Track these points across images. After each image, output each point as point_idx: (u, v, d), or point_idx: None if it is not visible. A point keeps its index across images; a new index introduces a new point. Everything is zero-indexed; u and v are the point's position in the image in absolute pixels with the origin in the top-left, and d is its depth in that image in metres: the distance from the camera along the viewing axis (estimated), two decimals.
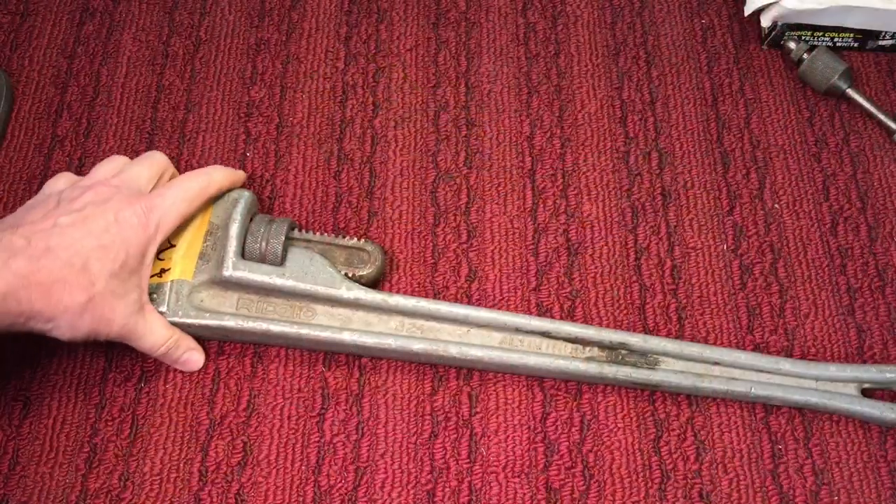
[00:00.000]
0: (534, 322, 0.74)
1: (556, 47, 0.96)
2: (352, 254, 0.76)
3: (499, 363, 0.73)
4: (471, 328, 0.74)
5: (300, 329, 0.72)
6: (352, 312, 0.74)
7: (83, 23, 0.96)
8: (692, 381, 0.73)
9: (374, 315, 0.74)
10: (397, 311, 0.74)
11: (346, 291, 0.73)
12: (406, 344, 0.72)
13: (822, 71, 0.91)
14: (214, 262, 0.73)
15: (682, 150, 0.90)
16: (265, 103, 0.91)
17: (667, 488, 0.73)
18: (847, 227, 0.86)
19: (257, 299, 0.73)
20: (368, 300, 0.73)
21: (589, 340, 0.74)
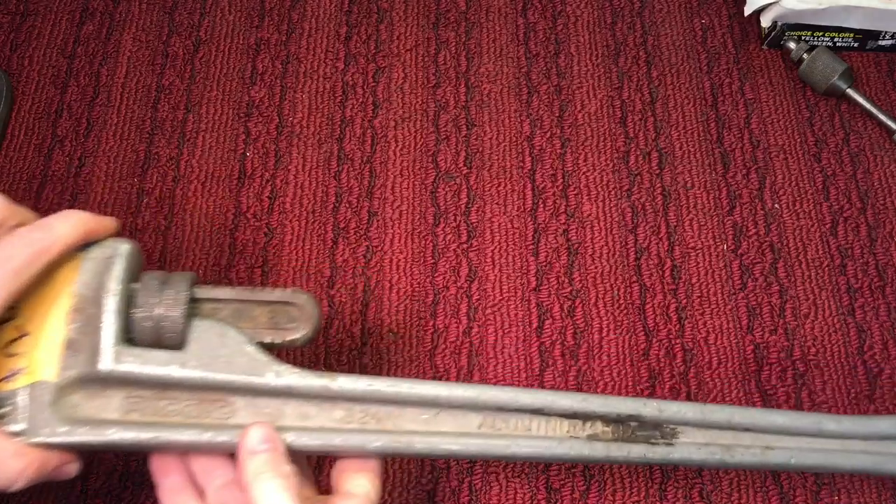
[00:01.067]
0: (522, 397, 0.58)
1: (556, 47, 0.96)
2: (276, 311, 0.58)
3: (479, 454, 0.57)
4: (440, 411, 0.57)
5: (215, 435, 0.54)
6: (283, 403, 0.56)
7: (83, 23, 0.96)
8: (720, 457, 0.59)
9: (313, 404, 0.57)
10: (344, 398, 0.57)
11: (275, 378, 0.55)
12: (358, 441, 0.56)
13: (822, 71, 0.91)
14: (87, 351, 0.53)
15: (682, 150, 0.90)
16: (265, 103, 0.91)
17: (667, 488, 0.73)
18: (847, 227, 0.86)
19: (152, 396, 0.54)
20: (305, 387, 0.56)
21: (591, 415, 0.58)
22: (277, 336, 0.57)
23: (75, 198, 0.85)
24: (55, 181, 0.86)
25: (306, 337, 0.58)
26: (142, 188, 0.86)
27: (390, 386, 0.57)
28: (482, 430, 0.58)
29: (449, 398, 0.58)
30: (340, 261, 0.83)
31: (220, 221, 0.84)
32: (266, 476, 0.52)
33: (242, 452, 0.53)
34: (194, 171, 0.87)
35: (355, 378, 0.56)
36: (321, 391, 0.56)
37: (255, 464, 0.53)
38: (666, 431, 0.59)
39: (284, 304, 0.58)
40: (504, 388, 0.59)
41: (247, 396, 0.56)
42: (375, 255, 0.83)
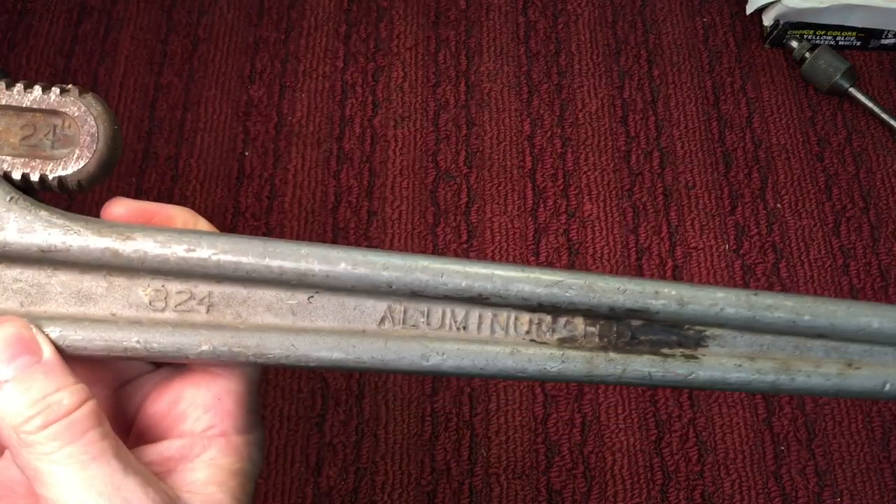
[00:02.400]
0: (450, 277, 0.36)
1: (557, 46, 0.95)
2: (37, 123, 0.36)
3: (376, 365, 0.36)
4: (316, 293, 0.36)
5: None
6: (46, 275, 0.36)
7: (81, 21, 0.96)
8: (773, 378, 0.38)
9: (98, 278, 0.36)
10: (149, 269, 0.36)
11: (20, 232, 0.35)
12: (172, 342, 0.35)
13: (825, 70, 0.90)
14: None
15: (684, 149, 0.89)
16: (264, 102, 0.91)
17: (668, 489, 0.72)
18: (850, 227, 0.85)
19: None
20: (78, 249, 0.35)
21: (566, 306, 0.37)
22: (34, 167, 0.35)
23: (72, 197, 0.85)
24: None
25: (87, 172, 0.36)
26: (140, 187, 0.86)
27: (226, 251, 0.35)
28: (384, 329, 0.36)
29: (327, 276, 0.35)
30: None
31: (218, 221, 0.84)
32: (53, 455, 0.33)
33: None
34: (193, 170, 0.87)
35: (167, 237, 0.35)
36: (104, 258, 0.35)
37: (15, 417, 0.33)
38: (687, 336, 0.37)
39: (48, 114, 0.36)
40: (422, 259, 0.36)
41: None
42: None
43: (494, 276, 0.36)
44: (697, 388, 0.39)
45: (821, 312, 0.38)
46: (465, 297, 0.36)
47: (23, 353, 0.33)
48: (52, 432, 0.32)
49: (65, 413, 0.32)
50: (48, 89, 0.35)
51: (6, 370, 0.33)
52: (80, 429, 0.32)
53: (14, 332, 0.33)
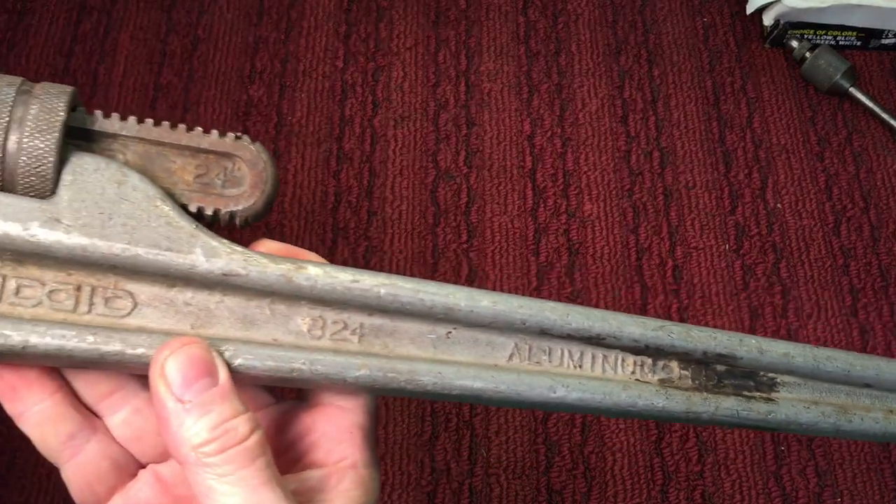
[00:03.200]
0: (576, 317, 0.40)
1: (557, 46, 0.95)
2: (208, 166, 0.38)
3: (511, 397, 0.39)
4: (455, 329, 0.39)
5: (101, 341, 0.35)
6: (216, 300, 0.37)
7: (80, 21, 0.96)
8: (833, 420, 0.43)
9: (263, 305, 0.38)
10: (312, 298, 0.38)
11: (206, 258, 0.36)
12: (332, 367, 0.37)
13: (825, 70, 0.90)
14: None
15: (684, 149, 0.89)
16: (264, 102, 0.91)
17: (669, 490, 0.72)
18: (850, 227, 0.85)
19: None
20: (255, 276, 0.37)
21: (666, 350, 0.41)
22: (209, 202, 0.37)
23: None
24: None
25: (254, 209, 0.39)
26: None
27: (385, 285, 0.38)
28: (513, 364, 0.40)
29: (471, 311, 0.39)
30: (339, 261, 0.82)
31: None
32: (227, 478, 0.34)
33: (160, 398, 0.35)
34: None
35: (333, 269, 0.37)
36: (278, 285, 0.37)
37: (195, 438, 0.34)
38: (762, 382, 0.42)
39: (221, 156, 0.38)
40: (549, 302, 0.40)
41: (157, 285, 0.37)
42: (375, 255, 0.82)
43: (611, 318, 0.40)
44: (774, 427, 0.43)
45: (869, 366, 0.43)
46: (584, 337, 0.40)
47: (203, 376, 0.35)
48: (228, 456, 0.34)
49: (240, 440, 0.34)
50: (224, 134, 0.38)
51: (188, 392, 0.34)
52: (252, 455, 0.34)
53: (198, 354, 0.35)
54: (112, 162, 0.36)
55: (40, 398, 0.38)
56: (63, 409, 0.39)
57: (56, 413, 0.39)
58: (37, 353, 0.35)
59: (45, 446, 0.40)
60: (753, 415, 0.41)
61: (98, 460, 0.39)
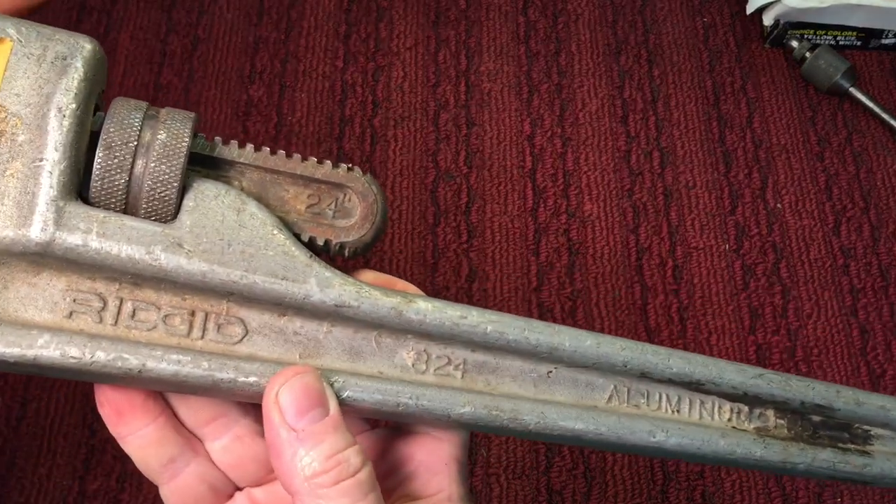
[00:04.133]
0: (675, 361, 0.40)
1: (557, 46, 0.95)
2: (319, 196, 0.38)
3: (611, 440, 0.39)
4: (556, 368, 0.39)
5: (214, 368, 0.35)
6: (325, 331, 0.37)
7: (80, 21, 0.96)
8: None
9: (369, 339, 0.38)
10: (419, 333, 0.38)
11: (320, 288, 0.36)
12: (438, 403, 0.37)
13: (825, 70, 0.90)
14: (11, 205, 0.33)
15: (684, 149, 0.89)
16: (264, 102, 0.91)
17: (669, 490, 0.72)
18: (850, 227, 0.85)
19: (116, 289, 0.35)
20: (366, 308, 0.37)
21: (763, 399, 0.40)
22: (320, 233, 0.38)
23: None
24: None
25: (364, 241, 0.39)
26: None
27: (493, 322, 0.38)
28: (612, 406, 0.39)
29: (574, 351, 0.38)
30: (340, 261, 0.82)
31: None
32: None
33: (274, 427, 0.34)
34: None
35: (442, 304, 0.37)
36: (388, 318, 0.37)
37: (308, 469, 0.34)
38: (857, 434, 0.42)
39: (333, 187, 0.38)
40: (651, 346, 0.40)
41: (268, 312, 0.37)
42: (375, 255, 0.82)
43: (711, 364, 0.40)
44: (869, 481, 0.42)
45: None
46: (683, 382, 0.40)
47: (316, 406, 0.34)
48: (342, 489, 0.34)
49: (353, 472, 0.34)
50: (336, 165, 0.38)
51: (301, 421, 0.34)
52: (365, 489, 0.34)
53: (311, 384, 0.34)
54: (231, 189, 0.36)
55: (144, 422, 0.38)
56: (166, 433, 0.39)
57: (159, 437, 0.39)
58: (151, 377, 0.35)
59: (146, 467, 0.40)
60: (849, 468, 0.41)
61: (197, 484, 0.40)
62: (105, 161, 0.34)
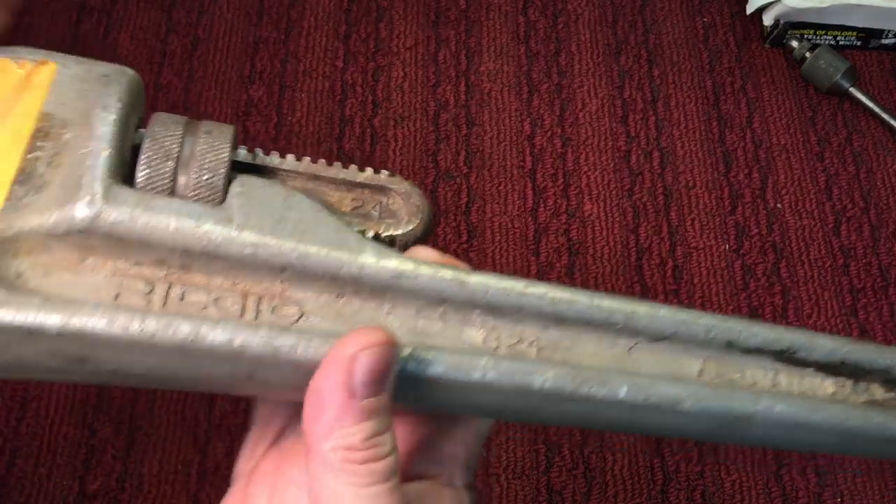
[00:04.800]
0: (761, 330, 0.37)
1: (557, 46, 0.95)
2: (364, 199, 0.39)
3: (714, 410, 0.36)
4: (637, 343, 0.37)
5: (273, 337, 0.33)
6: (386, 307, 0.36)
7: (80, 21, 0.96)
8: None
9: (435, 314, 0.36)
10: (485, 307, 0.36)
11: (374, 259, 0.35)
12: (518, 375, 0.35)
13: (825, 70, 0.90)
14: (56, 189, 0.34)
15: (684, 149, 0.89)
16: (264, 102, 0.91)
17: (669, 490, 0.72)
18: (850, 227, 0.85)
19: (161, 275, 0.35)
20: (426, 281, 0.36)
21: (866, 369, 0.38)
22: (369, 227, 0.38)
23: None
24: None
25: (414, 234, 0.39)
26: None
27: (564, 295, 0.36)
28: (704, 380, 0.37)
29: (651, 320, 0.36)
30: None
31: None
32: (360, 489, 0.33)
33: (333, 379, 0.33)
34: None
35: (506, 279, 0.36)
36: (450, 290, 0.35)
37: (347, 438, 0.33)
38: None
39: (376, 190, 0.39)
40: (731, 317, 0.37)
41: (325, 293, 0.35)
42: None
43: (799, 335, 0.38)
44: None
45: None
46: (773, 351, 0.37)
47: (382, 381, 0.33)
48: (369, 469, 0.33)
49: (383, 456, 0.33)
50: (378, 171, 0.38)
51: (364, 389, 0.33)
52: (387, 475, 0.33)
53: (389, 358, 0.33)
54: (275, 181, 0.37)
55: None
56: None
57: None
58: (204, 348, 0.33)
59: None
60: None
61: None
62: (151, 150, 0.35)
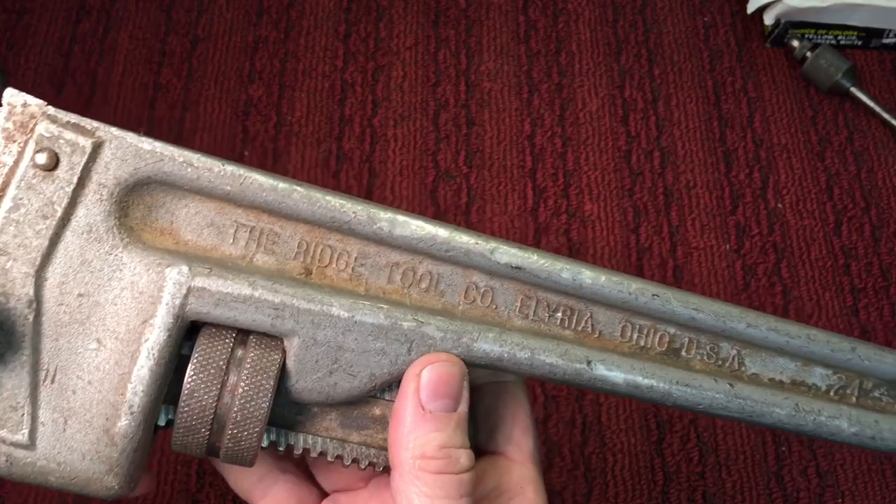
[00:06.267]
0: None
1: (558, 45, 0.95)
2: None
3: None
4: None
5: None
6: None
7: (79, 21, 0.95)
8: None
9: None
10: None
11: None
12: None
13: (826, 69, 0.90)
14: None
15: (685, 148, 0.89)
16: (263, 102, 0.91)
17: (669, 490, 0.72)
18: (851, 227, 0.85)
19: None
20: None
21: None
22: None
23: None
24: None
25: None
26: None
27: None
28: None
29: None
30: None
31: None
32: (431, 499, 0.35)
33: (406, 396, 0.36)
34: None
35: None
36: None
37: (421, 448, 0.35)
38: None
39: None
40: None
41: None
42: None
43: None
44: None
45: None
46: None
47: (450, 397, 0.36)
48: (442, 480, 0.35)
49: (458, 470, 0.35)
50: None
51: (432, 403, 0.36)
52: (461, 491, 0.35)
53: (454, 375, 0.36)
54: None
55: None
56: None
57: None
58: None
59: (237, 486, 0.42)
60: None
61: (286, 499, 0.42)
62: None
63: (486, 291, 0.38)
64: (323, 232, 0.37)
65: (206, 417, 0.34)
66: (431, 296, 0.38)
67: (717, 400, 0.38)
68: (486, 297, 0.38)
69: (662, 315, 0.39)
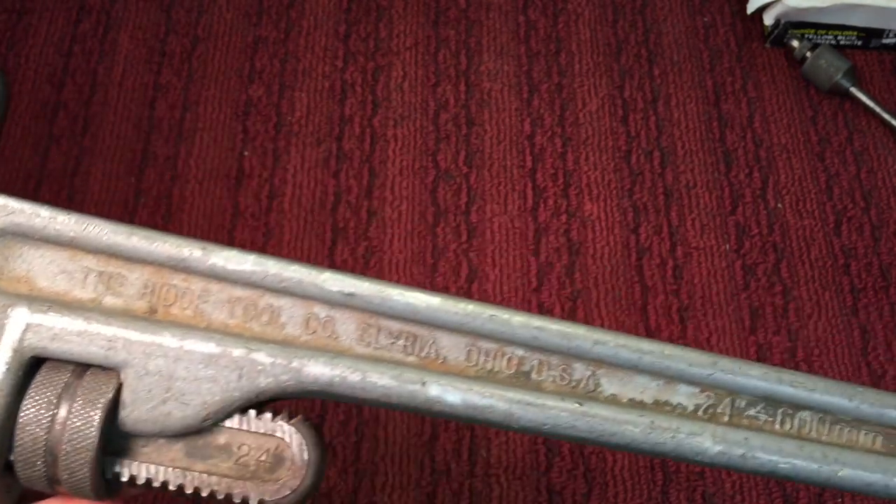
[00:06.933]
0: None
1: (558, 45, 0.95)
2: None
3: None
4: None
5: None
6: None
7: (80, 21, 0.95)
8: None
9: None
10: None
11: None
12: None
13: (826, 69, 0.90)
14: None
15: (685, 148, 0.89)
16: (263, 102, 0.91)
17: (669, 490, 0.72)
18: (851, 227, 0.85)
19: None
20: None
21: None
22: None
23: (71, 197, 0.85)
24: (52, 180, 0.86)
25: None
26: (139, 188, 0.86)
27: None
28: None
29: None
30: (339, 261, 0.82)
31: (217, 221, 0.84)
32: None
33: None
34: (192, 170, 0.87)
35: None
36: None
37: None
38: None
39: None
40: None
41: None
42: (374, 256, 0.82)
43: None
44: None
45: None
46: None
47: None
48: None
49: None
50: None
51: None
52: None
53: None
54: None
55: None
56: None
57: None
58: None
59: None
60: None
61: None
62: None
63: (326, 321, 0.38)
64: (166, 272, 0.38)
65: (38, 449, 0.35)
66: (273, 328, 0.38)
67: (561, 419, 0.37)
68: (328, 327, 0.38)
69: (505, 337, 0.38)
